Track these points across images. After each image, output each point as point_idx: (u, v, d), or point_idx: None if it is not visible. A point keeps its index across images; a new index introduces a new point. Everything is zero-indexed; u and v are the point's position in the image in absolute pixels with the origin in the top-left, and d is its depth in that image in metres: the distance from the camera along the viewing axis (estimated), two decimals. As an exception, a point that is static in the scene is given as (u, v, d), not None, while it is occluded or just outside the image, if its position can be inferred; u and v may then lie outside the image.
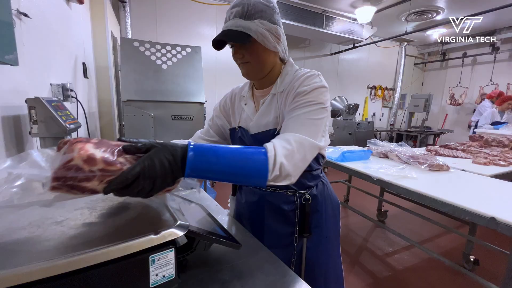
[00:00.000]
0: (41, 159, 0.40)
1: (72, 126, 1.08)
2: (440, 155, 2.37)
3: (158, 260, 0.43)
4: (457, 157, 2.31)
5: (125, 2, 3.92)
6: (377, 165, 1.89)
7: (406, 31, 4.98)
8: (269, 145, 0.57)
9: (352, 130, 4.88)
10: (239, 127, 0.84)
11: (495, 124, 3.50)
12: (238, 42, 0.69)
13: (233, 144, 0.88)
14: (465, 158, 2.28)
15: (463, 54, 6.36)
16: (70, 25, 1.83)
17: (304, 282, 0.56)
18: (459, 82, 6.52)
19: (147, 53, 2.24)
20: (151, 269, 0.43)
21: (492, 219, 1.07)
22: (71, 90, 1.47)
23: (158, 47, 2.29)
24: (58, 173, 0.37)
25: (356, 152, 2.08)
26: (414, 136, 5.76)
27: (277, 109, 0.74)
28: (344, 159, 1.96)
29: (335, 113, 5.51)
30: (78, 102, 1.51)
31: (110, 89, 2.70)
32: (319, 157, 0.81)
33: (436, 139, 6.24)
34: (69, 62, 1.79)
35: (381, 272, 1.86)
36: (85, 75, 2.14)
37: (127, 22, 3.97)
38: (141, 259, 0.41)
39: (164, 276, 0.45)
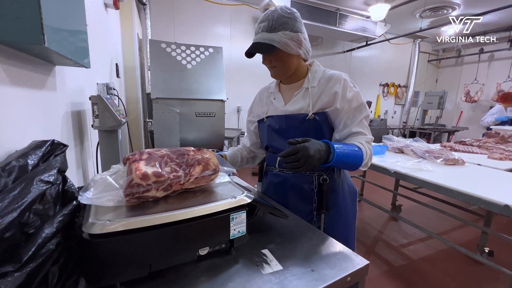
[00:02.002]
0: (114, 182, 0.53)
1: (123, 120, 1.23)
2: (455, 150, 2.42)
3: (235, 219, 0.56)
4: (473, 152, 2.36)
5: (145, 4, 4.10)
6: (393, 159, 1.98)
7: (420, 27, 4.95)
8: (362, 148, 0.83)
9: (365, 127, 4.92)
10: (267, 117, 0.98)
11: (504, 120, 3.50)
12: (265, 52, 0.85)
13: (261, 131, 1.05)
14: (481, 153, 2.32)
15: (479, 50, 6.24)
16: (107, 28, 1.99)
17: (340, 243, 0.68)
18: (475, 78, 6.40)
19: (173, 53, 2.38)
20: (231, 224, 0.56)
21: (506, 206, 1.15)
22: (114, 89, 1.63)
23: (183, 48, 2.43)
24: (126, 191, 0.51)
25: (372, 147, 2.16)
26: (428, 133, 5.73)
27: (310, 99, 0.89)
28: (361, 153, 2.04)
29: (347, 111, 5.53)
30: (119, 100, 1.67)
31: (136, 88, 2.87)
32: None
33: (451, 136, 6.16)
34: (107, 63, 1.95)
35: (397, 261, 1.95)
36: (117, 75, 2.31)
37: (147, 24, 4.15)
38: (226, 216, 0.54)
39: (239, 232, 0.57)
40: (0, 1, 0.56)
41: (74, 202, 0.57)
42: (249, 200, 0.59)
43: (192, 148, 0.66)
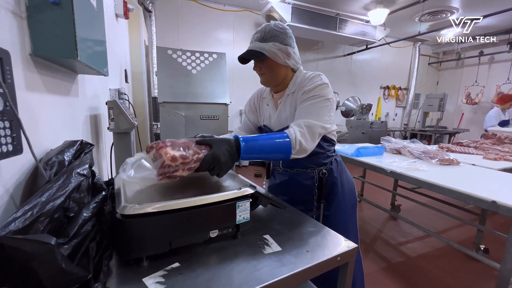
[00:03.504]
0: (148, 165, 0.63)
1: (136, 122, 1.33)
2: (452, 151, 2.49)
3: (241, 206, 0.65)
4: (469, 153, 2.43)
5: (151, 11, 4.25)
6: (390, 159, 2.05)
7: (419, 31, 5.03)
8: (288, 130, 0.83)
9: (365, 130, 4.99)
10: (264, 125, 1.10)
11: (502, 122, 3.56)
12: (254, 58, 0.94)
13: None
14: (477, 154, 2.39)
15: (479, 52, 6.30)
16: (117, 36, 2.11)
17: (335, 232, 0.76)
18: (476, 81, 6.45)
19: (179, 59, 2.50)
20: (237, 211, 0.65)
21: (493, 202, 1.23)
22: (124, 94, 1.74)
23: (188, 54, 2.55)
24: (160, 171, 0.60)
25: (370, 148, 2.25)
26: (429, 135, 5.78)
27: (291, 107, 0.97)
28: (359, 154, 2.12)
29: (348, 113, 5.62)
30: (130, 104, 1.77)
31: (143, 92, 2.99)
32: (329, 140, 1.03)
33: (452, 138, 6.20)
34: (117, 70, 2.07)
35: (395, 258, 2.02)
36: (126, 80, 2.43)
37: (153, 30, 4.29)
38: (233, 204, 0.64)
39: (243, 218, 0.66)
40: (42, 22, 0.66)
41: (103, 192, 0.67)
42: (252, 191, 0.68)
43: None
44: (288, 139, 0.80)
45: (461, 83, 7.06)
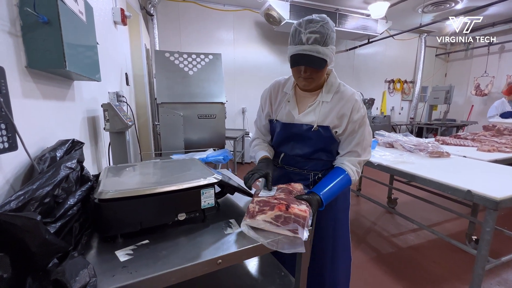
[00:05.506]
0: None
1: (130, 123, 1.45)
2: (447, 144, 2.49)
3: (205, 193, 0.75)
4: (464, 145, 2.42)
5: (152, 15, 4.40)
6: (381, 153, 2.09)
7: (420, 23, 4.94)
8: (349, 171, 0.94)
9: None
10: (277, 120, 1.04)
11: (506, 114, 3.47)
12: (317, 67, 0.83)
13: (271, 129, 1.11)
14: (472, 146, 2.38)
15: (488, 42, 6.09)
16: (117, 42, 2.25)
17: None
18: (485, 71, 6.26)
19: (176, 62, 2.62)
20: (202, 197, 0.74)
21: (469, 191, 1.27)
22: (123, 96, 1.87)
23: (185, 56, 2.66)
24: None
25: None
26: (435, 129, 5.68)
27: (319, 114, 0.94)
28: (350, 148, 2.17)
29: (351, 108, 5.58)
30: (128, 106, 1.90)
31: (145, 94, 3.13)
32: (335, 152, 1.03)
33: (461, 131, 6.05)
34: (117, 73, 2.21)
35: (386, 249, 2.06)
36: (127, 83, 2.57)
37: (155, 33, 4.44)
38: (198, 191, 0.73)
39: (208, 203, 0.76)
40: (34, 39, 0.78)
41: (89, 183, 0.78)
42: (216, 181, 0.77)
43: None
44: (347, 177, 0.93)
45: (470, 74, 6.86)
